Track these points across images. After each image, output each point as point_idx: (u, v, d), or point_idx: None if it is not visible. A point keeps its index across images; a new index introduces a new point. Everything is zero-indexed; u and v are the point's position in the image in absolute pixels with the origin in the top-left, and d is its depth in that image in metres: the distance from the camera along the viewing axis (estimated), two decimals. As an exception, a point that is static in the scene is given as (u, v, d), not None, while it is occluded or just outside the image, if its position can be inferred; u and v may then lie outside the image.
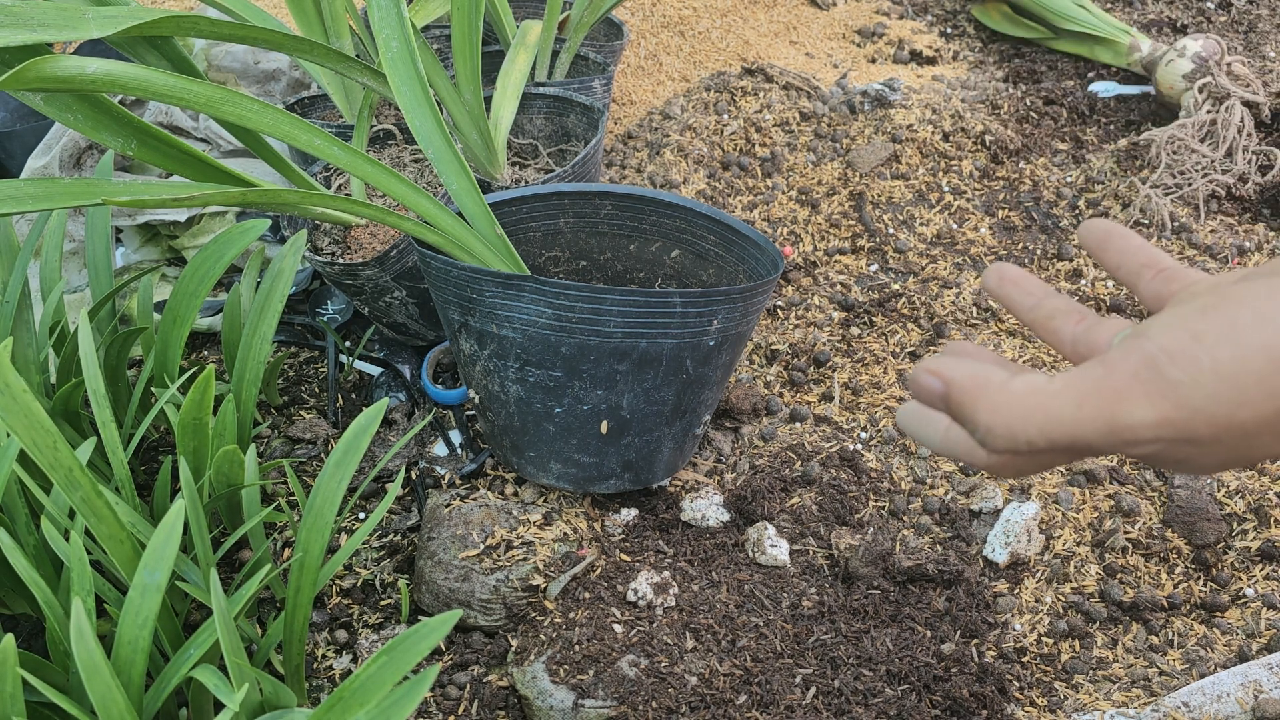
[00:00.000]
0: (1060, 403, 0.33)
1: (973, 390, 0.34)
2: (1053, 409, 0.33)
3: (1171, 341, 0.32)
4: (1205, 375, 0.31)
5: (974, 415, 0.34)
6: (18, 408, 0.80)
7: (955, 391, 0.35)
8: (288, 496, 1.25)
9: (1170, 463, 0.34)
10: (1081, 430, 0.33)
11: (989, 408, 0.34)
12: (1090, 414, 0.33)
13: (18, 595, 1.01)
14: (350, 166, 0.98)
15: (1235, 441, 0.32)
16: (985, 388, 0.34)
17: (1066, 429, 0.33)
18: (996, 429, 0.34)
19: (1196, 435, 0.32)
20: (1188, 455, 0.33)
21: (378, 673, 0.69)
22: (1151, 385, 0.32)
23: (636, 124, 1.95)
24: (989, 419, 0.34)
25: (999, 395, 0.34)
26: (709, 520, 1.18)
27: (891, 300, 1.52)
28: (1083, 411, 0.33)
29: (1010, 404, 0.34)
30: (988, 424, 0.34)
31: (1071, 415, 0.33)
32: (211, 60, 1.90)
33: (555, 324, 1.02)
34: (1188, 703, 0.97)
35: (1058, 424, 0.33)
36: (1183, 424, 0.32)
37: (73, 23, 0.80)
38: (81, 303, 1.54)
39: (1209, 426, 0.32)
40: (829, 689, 0.99)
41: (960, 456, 0.40)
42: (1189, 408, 0.32)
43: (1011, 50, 2.24)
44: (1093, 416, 0.33)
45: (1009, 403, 0.34)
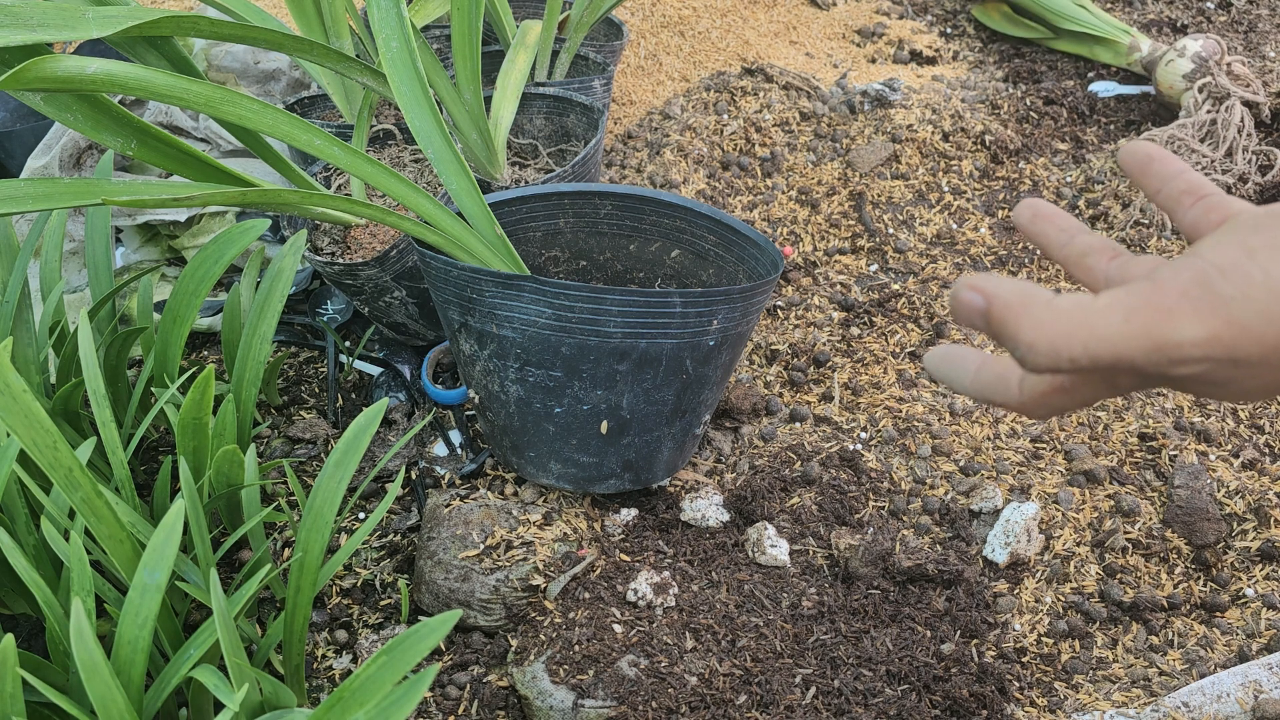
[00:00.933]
0: (1107, 319, 0.32)
1: (1016, 305, 0.33)
2: (1099, 325, 0.32)
3: (1223, 257, 0.31)
4: (1257, 290, 0.31)
5: (1016, 331, 0.33)
6: (18, 408, 0.80)
7: (998, 307, 0.33)
8: (288, 496, 1.25)
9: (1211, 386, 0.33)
10: (1127, 347, 0.31)
11: (1032, 323, 0.33)
12: (1137, 330, 0.31)
13: (18, 595, 1.01)
14: (350, 166, 0.98)
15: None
16: (1030, 303, 0.33)
17: (1112, 345, 0.32)
18: (1039, 345, 0.32)
19: (1244, 355, 0.31)
20: (1230, 378, 0.32)
21: (378, 673, 0.69)
22: (1202, 302, 0.31)
23: (636, 124, 1.95)
24: (1032, 335, 0.33)
25: (1043, 311, 0.33)
26: (709, 520, 1.18)
27: (891, 300, 1.52)
28: (1129, 327, 0.31)
29: (1055, 319, 0.32)
30: (1030, 340, 0.33)
31: (1118, 331, 0.31)
32: (211, 60, 1.90)
33: (555, 324, 1.02)
34: (1188, 703, 0.97)
35: (1103, 340, 0.32)
36: (1231, 342, 0.31)
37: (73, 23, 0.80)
38: (81, 303, 1.54)
39: (1258, 345, 0.31)
40: (829, 689, 0.99)
41: (992, 397, 0.38)
42: (1239, 325, 0.31)
43: (1011, 50, 2.24)
44: (1140, 333, 0.31)
45: (1054, 318, 0.32)
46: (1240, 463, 1.24)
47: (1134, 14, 2.33)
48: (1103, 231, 1.66)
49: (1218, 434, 1.28)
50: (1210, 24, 2.26)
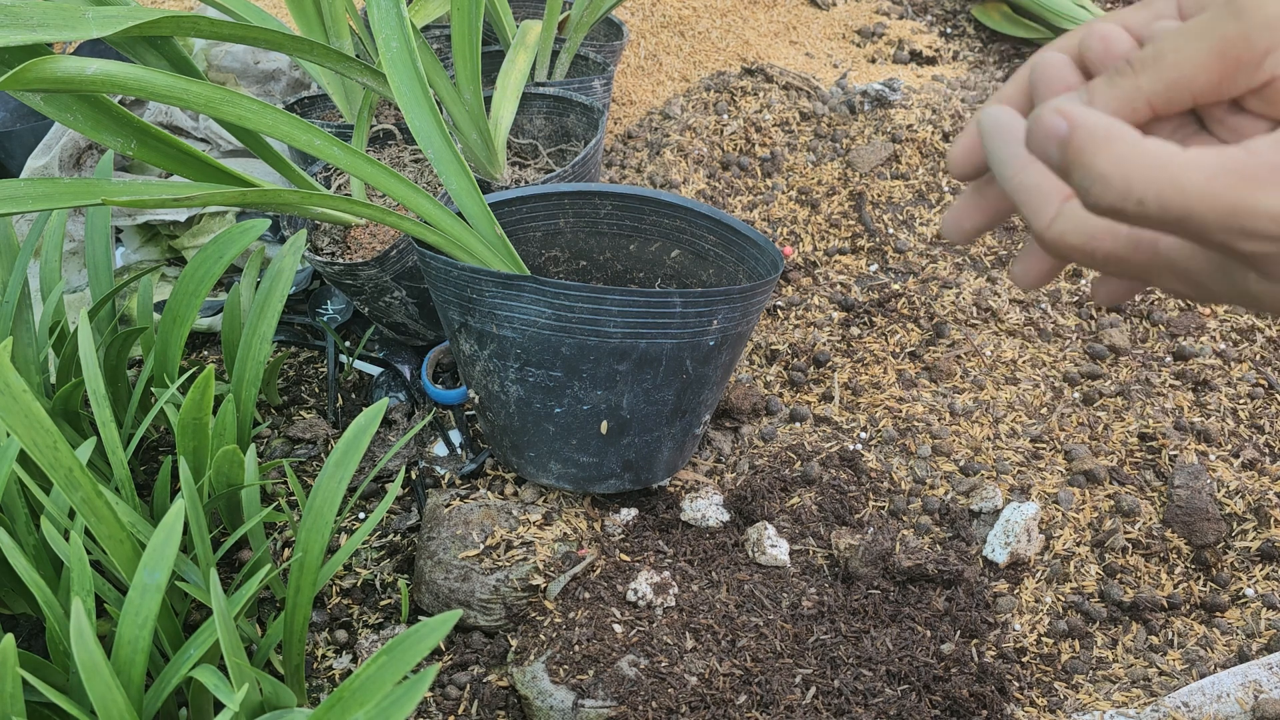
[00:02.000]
0: (1190, 171, 0.30)
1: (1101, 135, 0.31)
2: (1180, 174, 0.30)
3: None
4: None
5: (1093, 159, 0.31)
6: (18, 408, 0.80)
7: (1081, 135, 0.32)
8: (288, 496, 1.25)
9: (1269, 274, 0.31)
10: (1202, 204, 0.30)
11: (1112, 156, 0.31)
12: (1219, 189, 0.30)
13: (18, 595, 1.01)
14: (350, 166, 0.98)
15: None
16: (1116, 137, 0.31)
17: (1186, 199, 0.30)
18: (1113, 177, 0.31)
19: None
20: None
21: (378, 673, 0.69)
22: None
23: (636, 124, 1.95)
24: (1107, 166, 0.31)
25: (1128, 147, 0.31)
26: (709, 520, 1.18)
27: (891, 300, 1.52)
28: (1211, 185, 0.30)
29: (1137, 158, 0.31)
30: (1105, 171, 0.31)
31: (1198, 186, 0.30)
32: (211, 60, 1.90)
33: (555, 324, 1.02)
34: (1188, 703, 0.97)
35: (1179, 190, 0.30)
36: None
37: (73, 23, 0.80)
38: (81, 303, 1.54)
39: None
40: (829, 689, 0.99)
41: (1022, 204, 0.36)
42: None
43: (1011, 50, 2.24)
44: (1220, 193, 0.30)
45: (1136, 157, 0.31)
46: (1240, 463, 1.24)
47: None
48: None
49: (1218, 434, 1.28)
50: (1210, 24, 2.26)
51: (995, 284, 1.56)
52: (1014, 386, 1.38)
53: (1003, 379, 1.40)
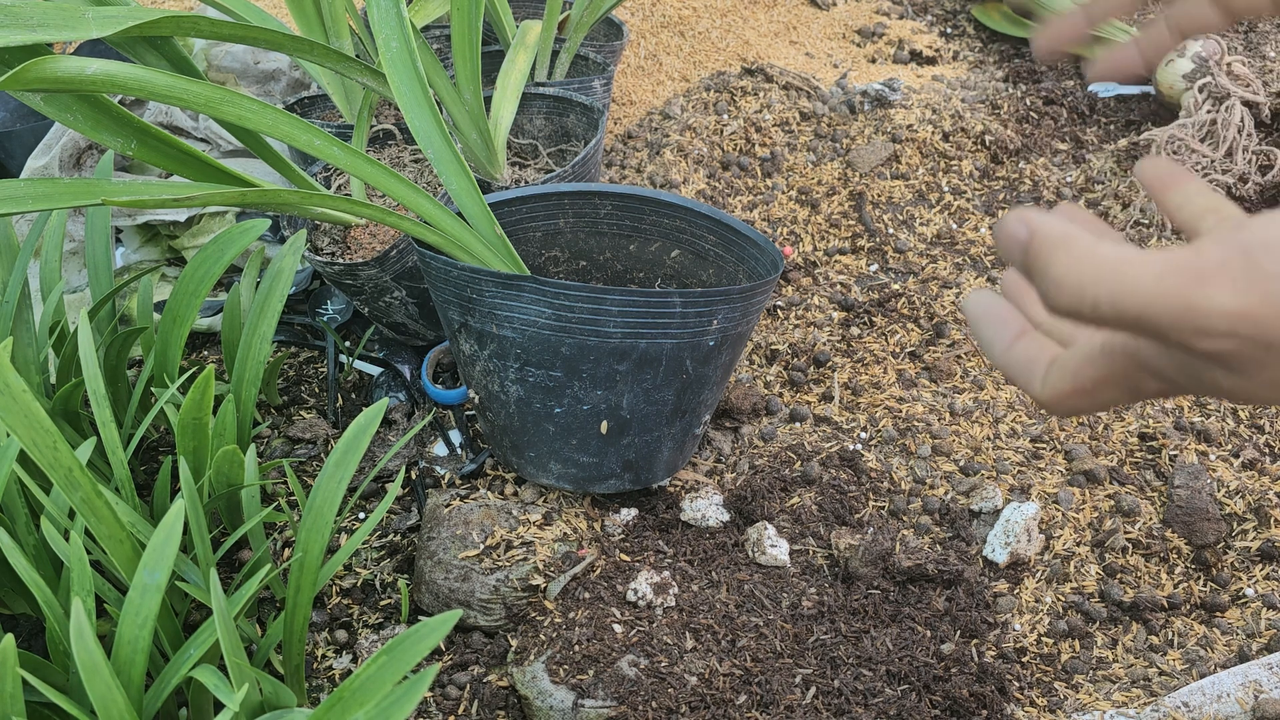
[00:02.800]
0: (1140, 271, 0.31)
1: (1058, 242, 0.33)
2: (1130, 275, 0.31)
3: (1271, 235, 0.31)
4: None
5: (1048, 265, 0.33)
6: (18, 408, 0.80)
7: (1038, 241, 0.33)
8: (288, 496, 1.25)
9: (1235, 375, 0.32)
10: (1155, 305, 0.31)
11: (1066, 261, 0.32)
12: (1169, 289, 0.30)
13: (18, 595, 1.01)
14: (350, 166, 0.98)
15: None
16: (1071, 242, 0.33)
17: (1139, 300, 0.31)
18: (1067, 282, 0.32)
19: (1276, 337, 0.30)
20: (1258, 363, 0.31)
21: (378, 673, 0.69)
22: (1240, 275, 0.30)
23: (636, 124, 1.95)
24: (1061, 271, 0.32)
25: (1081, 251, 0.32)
26: (709, 520, 1.18)
27: (891, 300, 1.52)
28: (1161, 285, 0.31)
29: (1089, 262, 0.32)
30: (1059, 276, 0.32)
31: (1149, 287, 0.31)
32: (211, 60, 1.90)
33: (555, 324, 1.02)
34: (1188, 703, 0.97)
35: (1132, 293, 0.31)
36: (1264, 321, 0.30)
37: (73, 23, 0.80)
38: (81, 303, 1.54)
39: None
40: (829, 689, 0.99)
41: (1015, 377, 0.38)
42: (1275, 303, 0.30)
43: (1011, 50, 2.24)
44: (1170, 293, 0.30)
45: (1089, 259, 0.32)
46: (1240, 463, 1.24)
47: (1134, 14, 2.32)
48: (1103, 231, 1.66)
49: (1218, 434, 1.28)
50: (1210, 24, 2.26)
51: (995, 284, 1.56)
52: (1014, 386, 1.38)
53: (1003, 379, 1.40)
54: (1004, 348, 0.38)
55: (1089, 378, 0.36)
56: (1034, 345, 0.39)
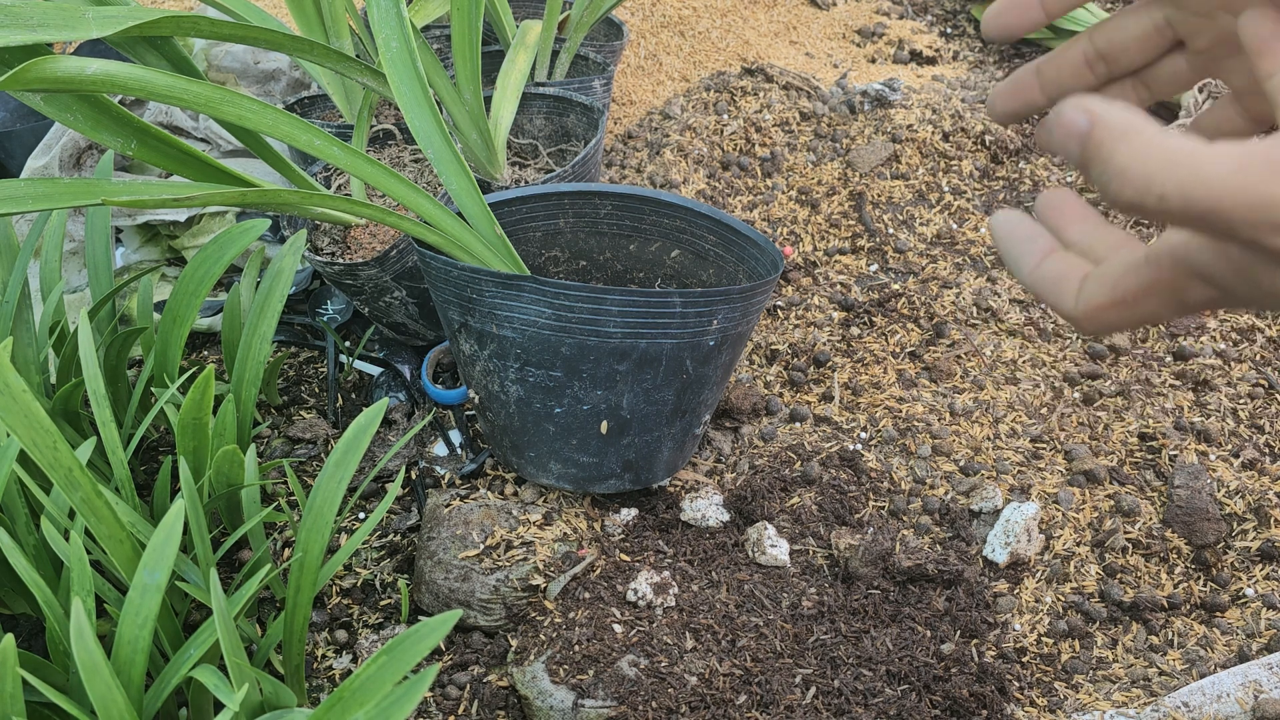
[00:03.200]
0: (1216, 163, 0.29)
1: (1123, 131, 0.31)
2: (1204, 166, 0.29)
3: None
4: None
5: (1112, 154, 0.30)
6: (17, 408, 0.80)
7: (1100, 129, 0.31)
8: (288, 496, 1.25)
9: None
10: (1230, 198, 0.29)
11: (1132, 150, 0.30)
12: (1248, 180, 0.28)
13: (18, 595, 1.01)
14: (350, 166, 0.98)
15: None
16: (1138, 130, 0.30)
17: (1212, 192, 0.29)
18: (1133, 172, 0.30)
19: None
20: None
21: (377, 673, 0.69)
22: None
23: (636, 124, 1.95)
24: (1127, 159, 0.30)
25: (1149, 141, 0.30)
26: (709, 520, 1.18)
27: (891, 300, 1.52)
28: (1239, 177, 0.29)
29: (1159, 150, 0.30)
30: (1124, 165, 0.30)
31: (1224, 177, 0.29)
32: (211, 60, 1.90)
33: (555, 324, 1.02)
34: (1188, 703, 0.97)
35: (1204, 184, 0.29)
36: None
37: (73, 23, 0.80)
38: (81, 303, 1.54)
39: None
40: (829, 689, 0.99)
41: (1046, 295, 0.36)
42: None
43: (1011, 50, 2.24)
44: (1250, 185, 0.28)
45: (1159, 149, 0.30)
46: (1240, 463, 1.24)
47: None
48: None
49: (1218, 434, 1.28)
50: (1210, 24, 2.26)
51: (995, 284, 1.56)
52: (1014, 386, 1.38)
53: (1003, 379, 1.40)
54: (1033, 264, 0.37)
55: (1131, 287, 0.34)
56: (1065, 261, 0.37)
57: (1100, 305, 0.35)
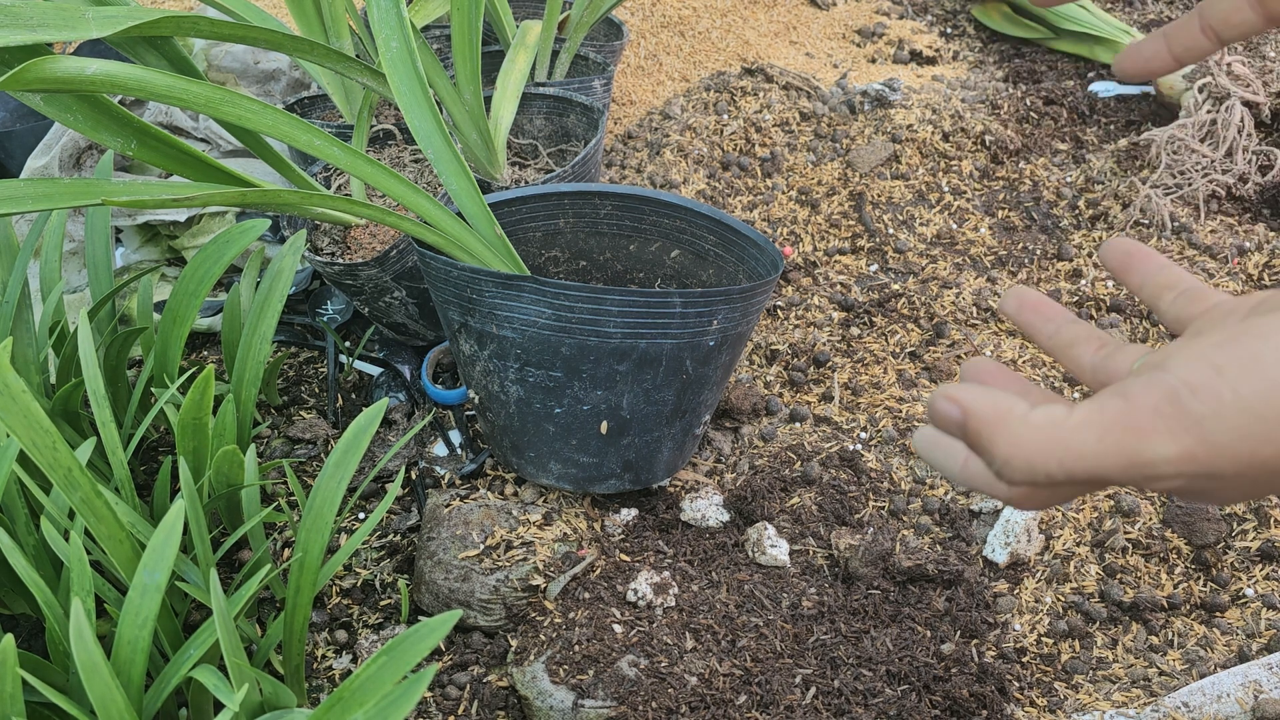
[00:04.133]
0: (1081, 436, 0.32)
1: (992, 421, 0.34)
2: (1073, 443, 0.32)
3: (1193, 375, 0.32)
4: (1228, 410, 0.31)
5: (991, 446, 0.34)
6: (17, 408, 0.80)
7: (973, 421, 0.34)
8: (288, 496, 1.25)
9: (1191, 495, 0.34)
10: (1102, 464, 0.32)
11: (1008, 440, 0.33)
12: (1111, 448, 0.32)
13: (18, 595, 1.01)
14: (350, 167, 0.98)
15: (1258, 476, 0.32)
16: (1005, 419, 0.34)
17: (1087, 463, 0.32)
18: (1015, 461, 0.33)
19: (1219, 470, 0.31)
20: (1210, 489, 0.33)
21: (377, 673, 0.69)
22: (1174, 420, 0.31)
23: (636, 124, 1.95)
24: (1007, 451, 0.33)
25: (1019, 427, 0.33)
26: (709, 520, 1.18)
27: (891, 300, 1.52)
28: (1104, 445, 0.32)
29: (1030, 437, 0.33)
30: (1005, 456, 0.33)
31: (1093, 449, 0.32)
32: (211, 60, 1.90)
33: (555, 324, 1.02)
34: (1188, 703, 0.97)
35: (1078, 458, 0.32)
36: (1206, 460, 0.31)
37: (73, 23, 0.80)
38: (81, 303, 1.54)
39: (1232, 462, 0.31)
40: (829, 689, 0.99)
41: (979, 487, 0.39)
42: (1212, 443, 0.31)
43: (1011, 50, 2.24)
44: (1114, 451, 0.32)
45: (1029, 436, 0.33)
46: (1240, 463, 1.24)
47: (1134, 14, 2.33)
48: (1102, 231, 1.66)
49: (1218, 434, 1.28)
50: (1210, 24, 2.26)
51: (995, 284, 1.56)
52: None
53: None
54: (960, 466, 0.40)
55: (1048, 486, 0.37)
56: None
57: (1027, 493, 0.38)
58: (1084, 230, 1.67)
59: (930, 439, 0.41)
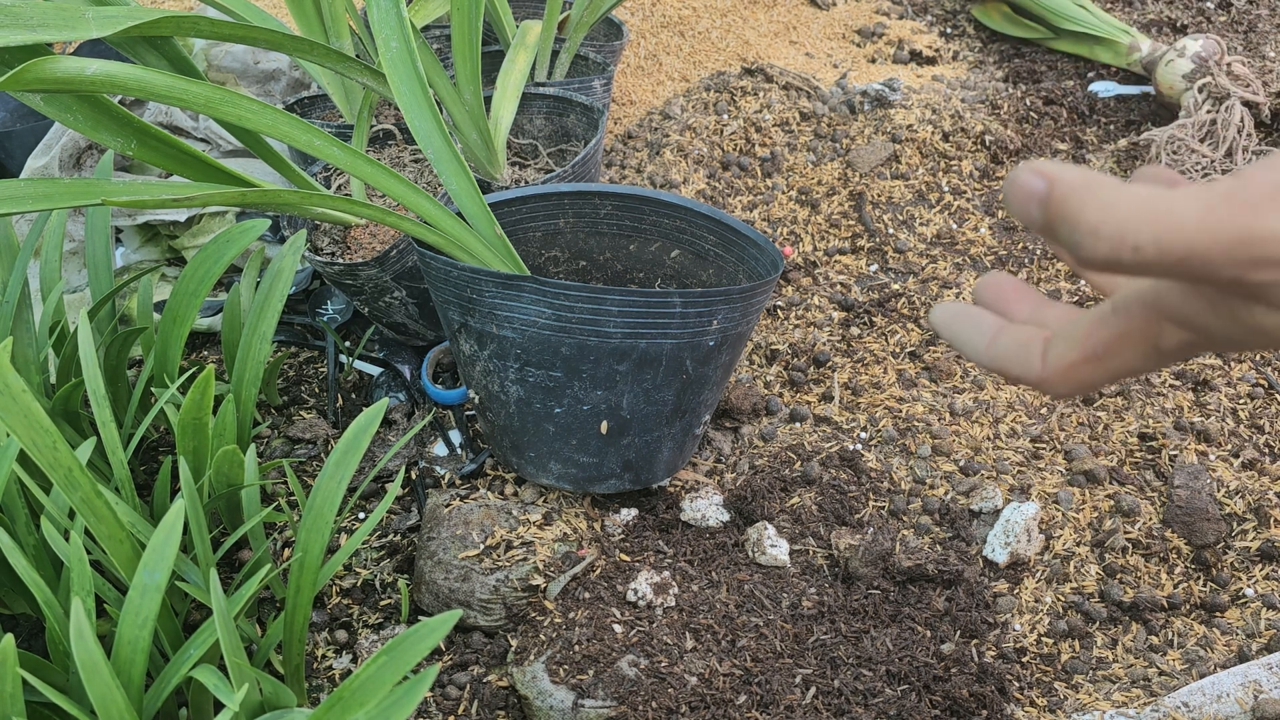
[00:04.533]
0: (1184, 206, 0.29)
1: (1082, 187, 0.30)
2: (1175, 211, 0.29)
3: None
4: None
5: (1080, 212, 0.30)
6: (17, 408, 0.80)
7: (1060, 189, 0.30)
8: (288, 496, 1.25)
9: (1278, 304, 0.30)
10: (1205, 239, 0.29)
11: (1099, 205, 0.30)
12: (1220, 220, 0.28)
13: (18, 595, 1.01)
14: (350, 167, 0.98)
15: None
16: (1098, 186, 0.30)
17: (1187, 236, 0.29)
18: (1105, 227, 0.29)
19: None
20: None
21: (377, 673, 0.69)
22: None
23: (636, 124, 1.95)
24: (1097, 215, 0.29)
25: (1113, 193, 0.30)
26: (709, 520, 1.18)
27: (891, 300, 1.52)
28: (1211, 217, 0.29)
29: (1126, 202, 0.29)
30: (1095, 221, 0.29)
31: (1196, 220, 0.29)
32: (211, 60, 1.90)
33: (555, 324, 1.02)
34: (1188, 703, 0.97)
35: (1179, 228, 0.29)
36: None
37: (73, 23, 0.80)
38: (81, 303, 1.54)
39: None
40: (829, 689, 0.99)
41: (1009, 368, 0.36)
42: None
43: (1011, 50, 2.24)
44: (1222, 223, 0.28)
45: (1125, 201, 0.29)
46: (1240, 463, 1.24)
47: (1134, 14, 2.32)
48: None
49: (1218, 434, 1.28)
50: (1210, 24, 2.26)
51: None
52: (1014, 386, 1.38)
53: (1002, 379, 1.40)
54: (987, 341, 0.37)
55: (1102, 340, 0.34)
56: (1022, 331, 0.37)
57: (1072, 363, 0.34)
58: (1084, 230, 1.67)
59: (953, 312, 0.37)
